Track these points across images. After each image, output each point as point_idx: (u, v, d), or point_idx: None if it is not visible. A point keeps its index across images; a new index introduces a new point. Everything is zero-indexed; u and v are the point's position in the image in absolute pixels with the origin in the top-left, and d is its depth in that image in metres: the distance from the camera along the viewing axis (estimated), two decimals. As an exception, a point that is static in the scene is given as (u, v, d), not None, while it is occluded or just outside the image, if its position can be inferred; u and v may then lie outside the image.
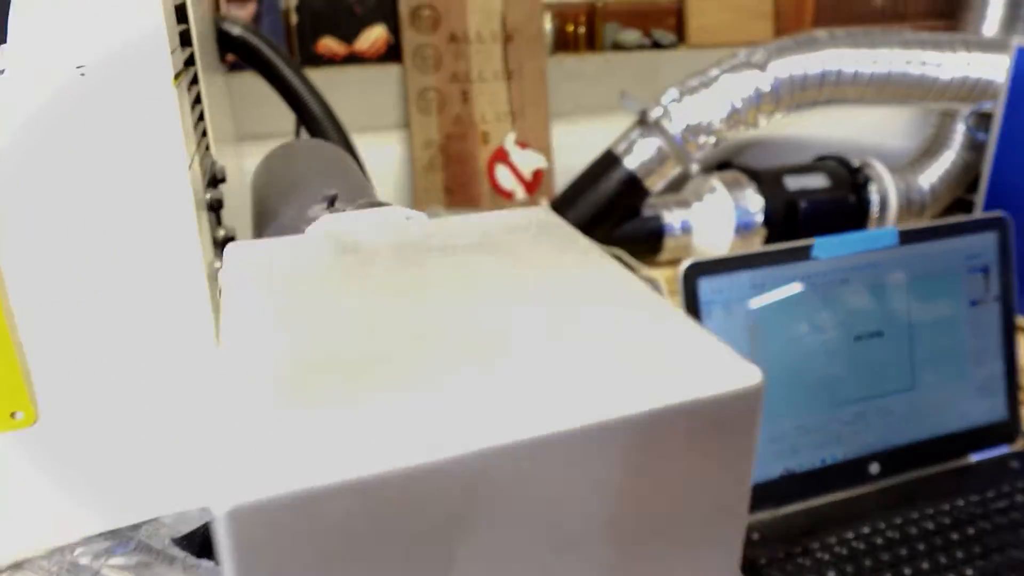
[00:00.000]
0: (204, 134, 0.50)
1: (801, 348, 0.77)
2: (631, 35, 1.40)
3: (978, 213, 1.02)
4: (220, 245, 0.51)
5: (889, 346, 0.81)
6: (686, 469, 0.21)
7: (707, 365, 0.22)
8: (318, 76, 1.24)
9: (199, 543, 0.40)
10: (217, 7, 0.90)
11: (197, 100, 0.48)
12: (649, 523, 0.21)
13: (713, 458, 0.21)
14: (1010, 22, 1.42)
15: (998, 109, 1.13)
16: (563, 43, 1.39)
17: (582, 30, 1.39)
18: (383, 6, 1.25)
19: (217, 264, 0.46)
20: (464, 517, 0.18)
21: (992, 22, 1.43)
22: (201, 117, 0.49)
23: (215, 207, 0.44)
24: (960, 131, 1.41)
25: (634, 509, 0.21)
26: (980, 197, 1.18)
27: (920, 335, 0.82)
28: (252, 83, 1.15)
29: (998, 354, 0.85)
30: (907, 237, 0.81)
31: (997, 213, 0.85)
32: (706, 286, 0.74)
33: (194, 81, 0.48)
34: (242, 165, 1.22)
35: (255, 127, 1.18)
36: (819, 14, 1.49)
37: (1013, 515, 0.72)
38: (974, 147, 1.41)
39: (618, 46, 1.40)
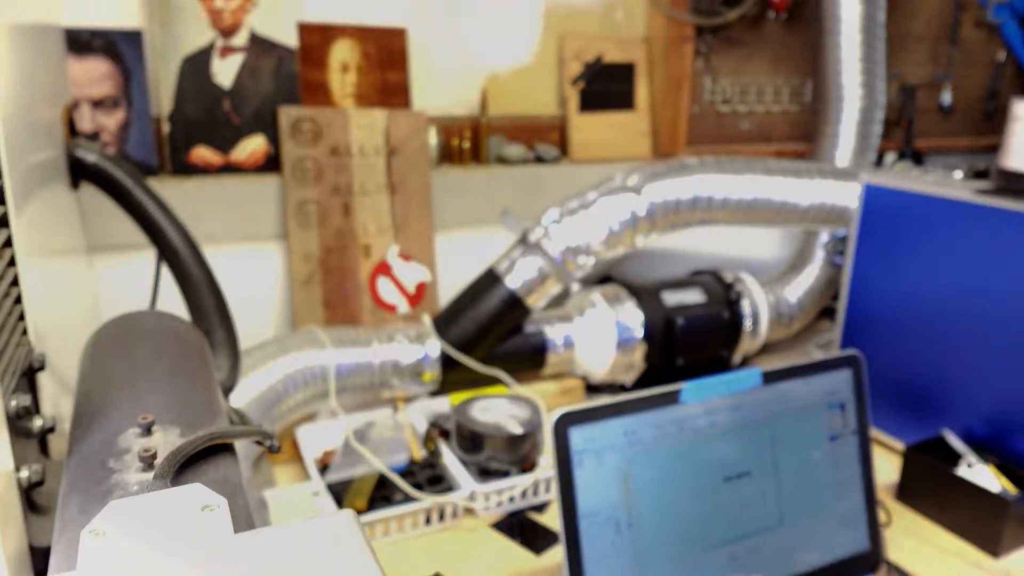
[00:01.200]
0: (21, 317, 0.45)
1: (673, 493, 0.77)
2: (515, 149, 1.43)
3: (835, 352, 1.07)
4: (39, 436, 0.46)
5: (757, 486, 0.82)
6: None
7: None
8: (192, 186, 1.20)
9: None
10: (73, 131, 0.85)
11: (14, 282, 0.44)
12: None
13: None
14: (860, 150, 1.55)
15: (851, 238, 1.22)
16: (448, 156, 1.40)
17: (467, 144, 1.41)
18: (263, 117, 1.22)
19: (24, 473, 0.41)
20: None
21: (845, 149, 1.55)
22: (18, 300, 0.45)
23: (22, 415, 0.40)
24: (822, 248, 1.51)
25: None
26: (838, 329, 1.25)
27: (785, 473, 0.84)
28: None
29: (858, 486, 0.89)
30: (769, 378, 0.83)
31: (851, 352, 0.89)
32: (577, 436, 0.73)
33: (11, 263, 0.44)
34: (95, 276, 1.14)
35: (108, 237, 1.12)
36: (693, 133, 1.58)
37: (875, 663, 0.73)
38: (835, 264, 1.51)
39: (502, 160, 1.43)
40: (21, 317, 0.45)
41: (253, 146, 1.22)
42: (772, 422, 0.84)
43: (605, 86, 1.52)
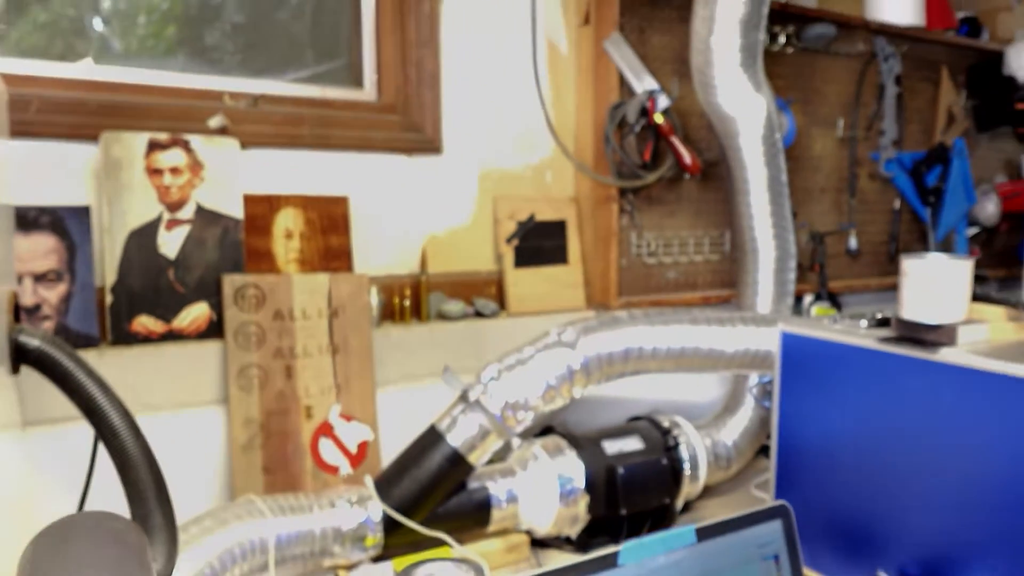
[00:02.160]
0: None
1: (616, 660, 0.78)
2: (455, 305, 1.49)
3: (766, 502, 1.11)
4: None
5: (699, 646, 0.83)
6: None
7: None
8: (133, 355, 1.20)
9: None
10: (17, 316, 0.87)
11: None
12: None
13: None
14: (779, 296, 1.65)
15: (775, 382, 1.29)
16: (390, 314, 1.45)
17: (408, 302, 1.46)
18: (206, 285, 1.26)
19: None
20: None
21: (765, 295, 1.65)
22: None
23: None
24: (750, 390, 1.58)
25: None
26: (772, 471, 1.29)
27: (726, 630, 0.86)
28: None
29: (798, 638, 0.90)
30: (703, 534, 0.86)
31: (780, 502, 0.93)
32: (519, 607, 0.74)
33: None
34: (31, 452, 1.12)
35: (45, 411, 1.11)
36: (623, 284, 1.67)
37: None
38: (766, 408, 1.57)
39: (443, 316, 1.48)
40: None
41: (196, 313, 1.25)
42: (710, 578, 0.86)
43: (539, 242, 1.62)
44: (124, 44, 1.38)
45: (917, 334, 1.11)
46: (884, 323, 1.21)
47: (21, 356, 0.83)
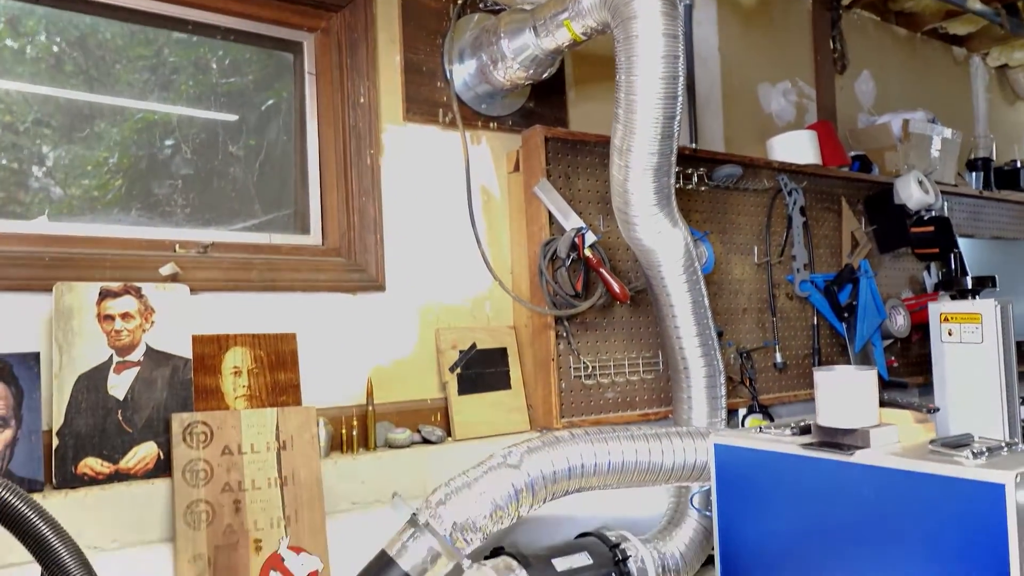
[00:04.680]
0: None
1: None
2: (402, 433, 1.53)
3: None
4: None
5: None
6: None
7: None
8: (77, 497, 1.20)
9: None
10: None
11: None
12: None
13: None
14: (712, 410, 1.74)
15: (712, 491, 1.34)
16: (338, 444, 1.48)
17: (355, 432, 1.49)
18: (154, 424, 1.28)
19: None
20: None
21: (699, 409, 1.74)
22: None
23: None
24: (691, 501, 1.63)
25: None
26: (716, 558, 1.33)
27: None
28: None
29: None
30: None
31: (718, 600, 0.97)
32: None
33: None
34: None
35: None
36: (564, 405, 1.73)
37: None
38: (708, 517, 1.62)
39: (390, 444, 1.52)
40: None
41: (144, 452, 1.26)
42: None
43: (481, 370, 1.69)
44: (70, 198, 1.45)
45: (834, 439, 1.20)
46: (807, 430, 1.30)
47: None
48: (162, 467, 1.27)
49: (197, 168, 1.61)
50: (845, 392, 1.19)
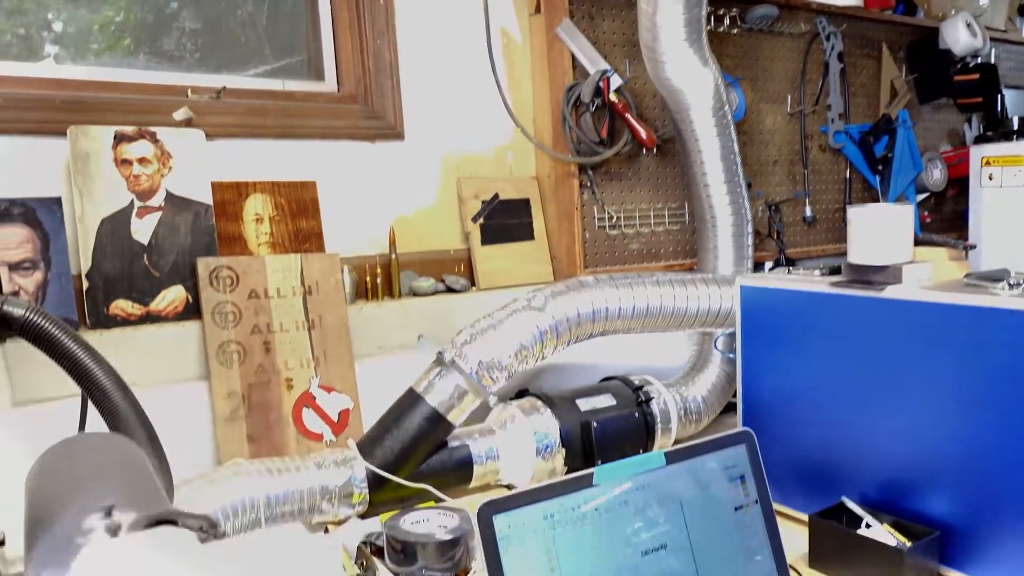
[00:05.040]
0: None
1: (596, 568, 0.82)
2: (425, 282, 1.53)
3: (730, 429, 1.16)
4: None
5: (674, 557, 0.88)
6: None
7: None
8: (112, 337, 1.23)
9: None
10: (0, 290, 0.89)
11: None
12: None
13: None
14: (738, 259, 1.72)
15: (737, 335, 1.34)
16: (363, 292, 1.49)
17: (379, 280, 1.50)
18: (181, 268, 1.29)
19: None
20: None
21: (725, 260, 1.72)
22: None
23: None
24: (715, 344, 1.64)
25: None
26: (739, 409, 1.35)
27: (698, 543, 0.90)
28: (31, 348, 1.11)
29: (767, 551, 0.95)
30: (672, 457, 0.91)
31: (744, 429, 0.98)
32: (501, 522, 0.78)
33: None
34: (18, 434, 1.13)
35: (35, 391, 1.13)
36: (588, 256, 1.72)
37: None
38: (732, 362, 1.63)
39: (415, 292, 1.52)
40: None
41: (172, 295, 1.27)
42: (680, 498, 0.90)
43: (504, 220, 1.67)
44: (79, 57, 1.40)
45: (866, 276, 1.18)
46: (836, 271, 1.28)
47: (6, 325, 0.85)
48: (191, 310, 1.29)
49: (205, 17, 1.53)
50: (879, 227, 1.16)
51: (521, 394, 1.44)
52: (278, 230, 1.39)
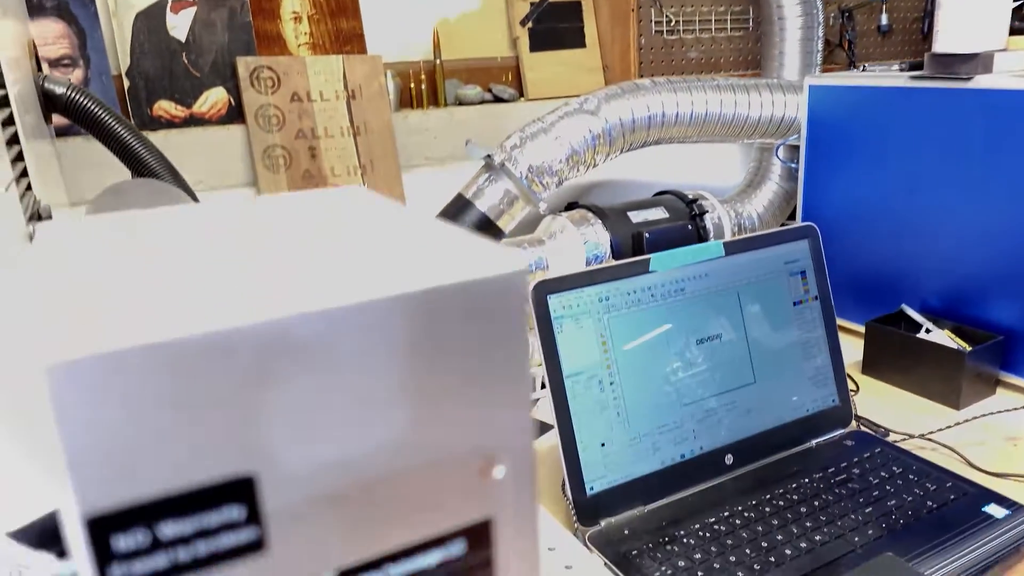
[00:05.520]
0: (24, 173, 0.48)
1: (649, 353, 0.82)
2: (472, 90, 1.46)
3: (792, 224, 1.12)
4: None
5: (728, 347, 0.87)
6: (464, 341, 0.24)
7: (476, 258, 0.26)
8: (157, 139, 1.21)
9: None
10: (39, 68, 0.86)
11: (19, 157, 0.47)
12: (440, 384, 0.24)
13: (488, 331, 0.25)
14: (805, 68, 1.60)
15: (802, 141, 1.27)
16: (407, 100, 1.43)
17: (424, 87, 1.44)
18: (221, 69, 1.24)
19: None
20: (265, 376, 0.21)
21: (791, 68, 1.61)
22: (22, 164, 0.48)
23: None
24: (778, 165, 1.57)
25: (424, 373, 0.24)
26: (798, 213, 1.30)
27: (754, 335, 0.89)
28: (83, 148, 1.10)
29: (824, 348, 0.94)
30: (731, 248, 0.88)
31: (807, 223, 0.94)
32: (555, 302, 0.77)
33: (14, 140, 0.47)
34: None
35: (90, 192, 1.13)
36: (643, 64, 1.62)
37: (851, 485, 0.78)
38: (791, 177, 1.57)
39: (461, 101, 1.46)
40: (24, 173, 0.48)
41: (214, 97, 1.24)
42: (737, 289, 0.88)
43: (554, 25, 1.56)
44: None
45: (952, 68, 1.08)
46: (917, 67, 1.18)
47: (51, 103, 0.83)
48: (234, 114, 1.26)
49: None
50: (972, 9, 1.04)
51: (571, 207, 1.41)
52: (317, 30, 1.32)
